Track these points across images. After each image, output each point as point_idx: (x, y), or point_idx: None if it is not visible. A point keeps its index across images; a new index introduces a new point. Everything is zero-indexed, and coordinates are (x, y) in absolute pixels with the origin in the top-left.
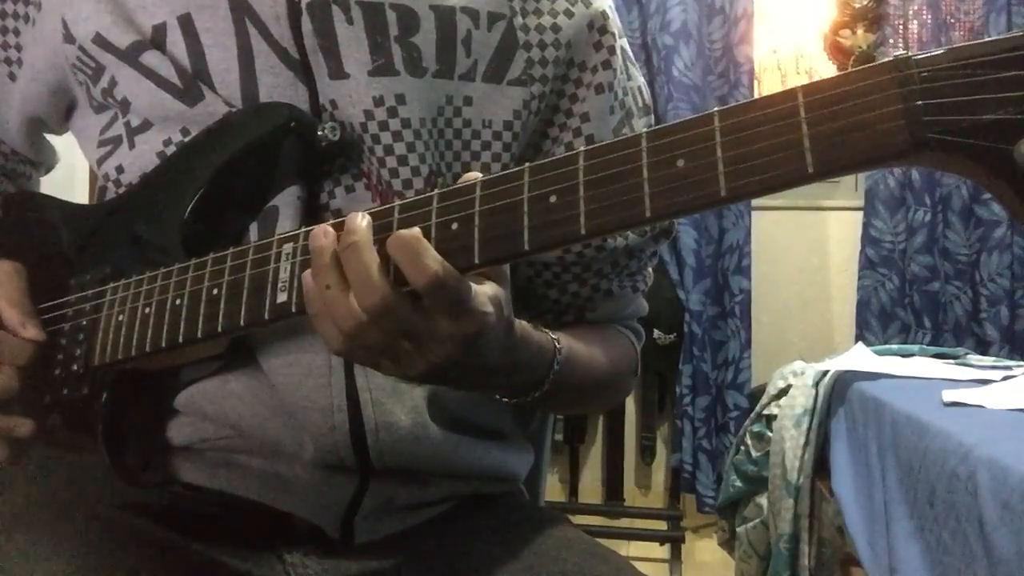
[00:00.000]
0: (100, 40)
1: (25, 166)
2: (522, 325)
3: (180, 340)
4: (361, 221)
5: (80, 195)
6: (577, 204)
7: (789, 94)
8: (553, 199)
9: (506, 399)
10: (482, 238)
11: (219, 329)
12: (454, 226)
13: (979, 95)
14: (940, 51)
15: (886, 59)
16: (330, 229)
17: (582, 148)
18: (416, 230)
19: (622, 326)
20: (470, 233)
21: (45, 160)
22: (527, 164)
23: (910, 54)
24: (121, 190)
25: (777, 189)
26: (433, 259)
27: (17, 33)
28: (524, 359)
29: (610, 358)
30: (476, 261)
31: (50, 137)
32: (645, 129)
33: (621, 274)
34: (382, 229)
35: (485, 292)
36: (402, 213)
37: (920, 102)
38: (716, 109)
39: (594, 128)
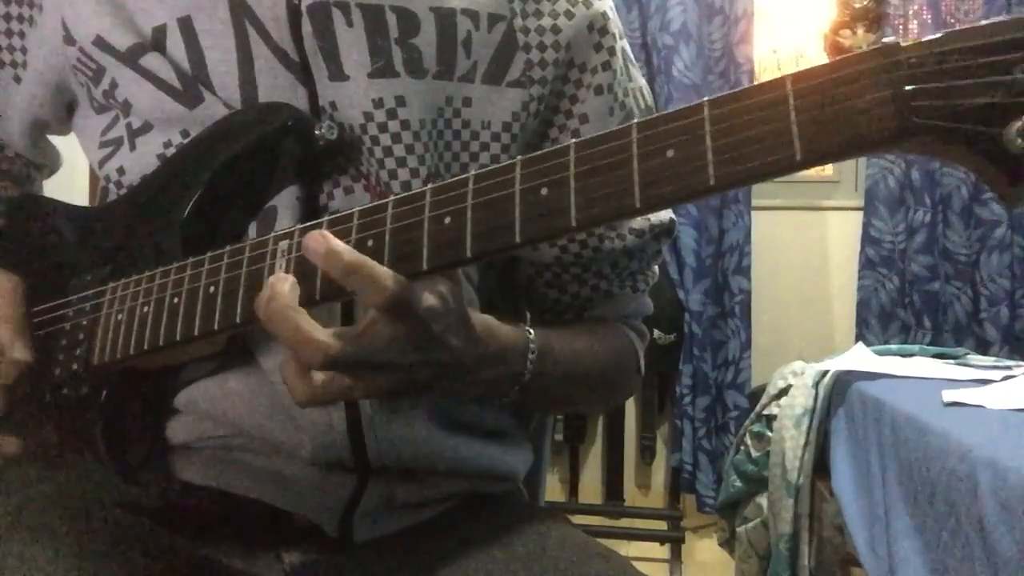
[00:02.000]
0: (100, 42)
1: (29, 169)
2: (484, 319)
3: (178, 338)
4: (283, 285)
5: (80, 195)
6: (568, 196)
7: (778, 82)
8: (544, 191)
9: (492, 397)
10: (474, 231)
11: (215, 326)
12: (447, 220)
13: (968, 80)
14: (928, 37)
15: (875, 46)
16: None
17: (573, 140)
18: (358, 254)
19: (624, 325)
20: (462, 226)
21: (49, 163)
22: (519, 157)
23: (899, 40)
24: (123, 191)
25: (766, 177)
26: (387, 276)
27: (23, 36)
28: (494, 351)
29: (603, 352)
30: (468, 255)
31: (52, 139)
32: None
33: (622, 275)
34: (376, 224)
35: (425, 288)
36: (396, 208)
37: (909, 87)
38: (706, 99)
39: (593, 129)
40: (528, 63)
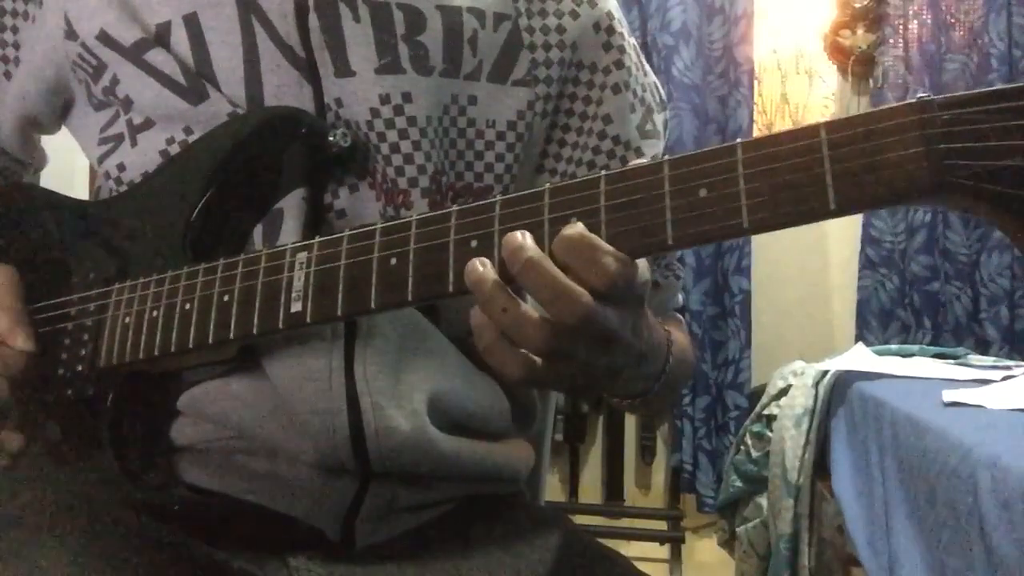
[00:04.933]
0: (104, 37)
1: (16, 165)
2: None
3: (190, 345)
4: (524, 238)
5: (80, 195)
6: (599, 228)
7: (812, 130)
8: (574, 221)
9: (630, 398)
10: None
11: (231, 335)
12: (473, 243)
13: (1001, 140)
14: (963, 94)
15: (911, 100)
16: (485, 260)
17: (603, 172)
18: (579, 227)
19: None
20: (489, 251)
21: (35, 163)
22: (547, 185)
23: (934, 96)
24: (122, 188)
25: (800, 223)
26: (611, 255)
27: (16, 31)
28: (652, 342)
29: (689, 346)
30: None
31: (46, 138)
32: (662, 144)
33: (660, 264)
34: (400, 243)
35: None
36: (420, 228)
37: (942, 145)
38: (739, 140)
39: (618, 128)
40: (533, 62)
